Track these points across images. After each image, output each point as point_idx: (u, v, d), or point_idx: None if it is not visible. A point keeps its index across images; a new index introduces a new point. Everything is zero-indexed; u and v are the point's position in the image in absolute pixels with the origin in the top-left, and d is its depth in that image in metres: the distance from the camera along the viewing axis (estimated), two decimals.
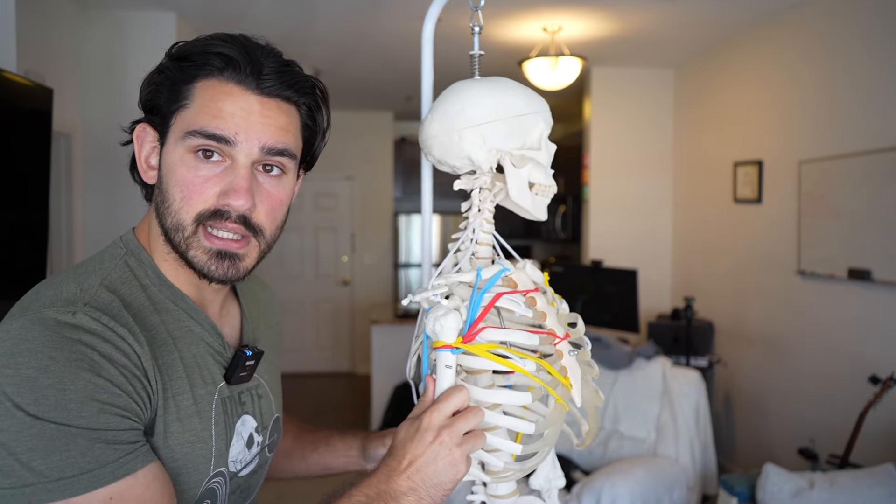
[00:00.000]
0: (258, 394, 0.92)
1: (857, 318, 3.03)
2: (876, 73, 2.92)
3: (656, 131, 4.82)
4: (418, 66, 1.02)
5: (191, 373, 0.80)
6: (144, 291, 0.80)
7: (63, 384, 0.66)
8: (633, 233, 4.79)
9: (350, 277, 6.69)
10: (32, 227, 2.22)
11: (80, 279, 0.76)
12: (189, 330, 0.82)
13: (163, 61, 0.82)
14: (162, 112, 0.80)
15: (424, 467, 0.76)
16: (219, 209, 0.77)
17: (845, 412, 2.95)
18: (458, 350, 0.80)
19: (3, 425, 0.65)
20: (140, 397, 0.72)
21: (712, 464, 3.09)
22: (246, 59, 0.78)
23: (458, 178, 0.89)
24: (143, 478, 0.69)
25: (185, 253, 0.79)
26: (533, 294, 0.82)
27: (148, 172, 0.82)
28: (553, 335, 0.82)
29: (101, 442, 0.67)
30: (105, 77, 3.51)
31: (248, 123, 0.77)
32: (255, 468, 0.90)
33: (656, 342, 3.80)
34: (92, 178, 3.48)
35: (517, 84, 0.86)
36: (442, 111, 0.85)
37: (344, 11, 3.52)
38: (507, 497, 0.86)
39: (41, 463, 0.65)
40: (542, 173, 0.85)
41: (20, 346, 0.67)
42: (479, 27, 0.93)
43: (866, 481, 2.16)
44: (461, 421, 0.77)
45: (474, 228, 0.87)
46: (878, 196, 2.88)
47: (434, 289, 0.83)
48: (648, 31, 3.90)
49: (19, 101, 2.11)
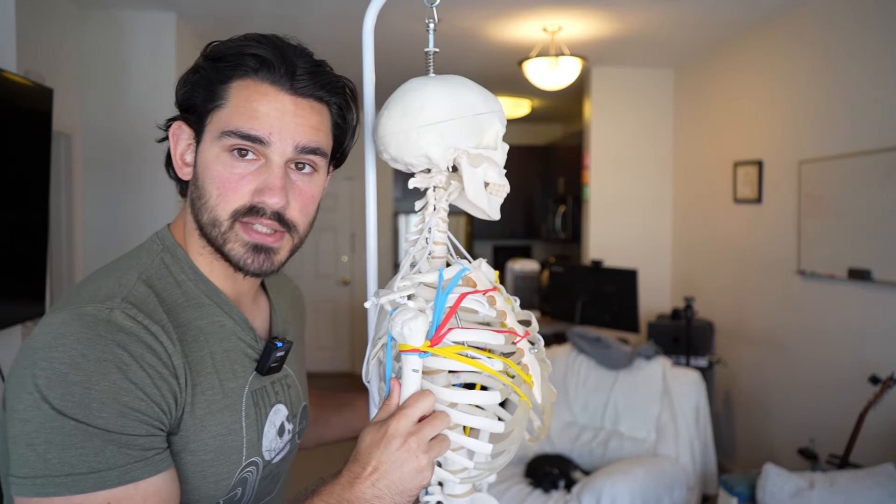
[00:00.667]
0: (287, 384, 0.94)
1: (857, 318, 3.03)
2: (876, 73, 2.92)
3: (656, 131, 4.82)
4: (418, 66, 1.02)
5: (221, 367, 0.82)
6: (179, 287, 0.83)
7: (90, 383, 0.68)
8: (633, 233, 4.79)
9: (350, 277, 6.69)
10: (32, 227, 2.22)
11: (119, 274, 0.79)
12: (222, 325, 0.84)
13: (198, 61, 0.84)
14: (198, 111, 0.82)
15: (389, 473, 0.74)
16: (254, 206, 0.80)
17: (845, 412, 2.95)
18: (427, 354, 0.78)
19: (27, 416, 0.68)
20: (164, 400, 0.74)
21: (712, 464, 3.09)
22: (280, 59, 0.80)
23: (412, 176, 0.88)
24: (143, 490, 0.70)
25: (221, 247, 0.81)
26: (492, 293, 0.82)
27: (183, 169, 0.85)
28: (514, 333, 0.81)
29: (114, 444, 0.69)
30: (105, 77, 3.51)
31: (282, 123, 0.79)
32: (285, 455, 0.93)
33: (656, 342, 3.80)
34: (92, 178, 3.48)
35: (474, 83, 0.86)
36: (401, 108, 0.83)
37: (342, 12, 3.53)
38: (463, 496, 0.86)
39: (55, 457, 0.67)
40: (497, 173, 0.85)
41: (58, 340, 0.70)
42: (434, 23, 0.92)
43: (866, 481, 2.16)
44: (428, 427, 0.76)
45: (430, 227, 0.86)
46: (878, 196, 2.88)
47: (399, 290, 0.81)
48: (648, 31, 3.90)
49: (19, 101, 2.11)
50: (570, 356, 3.34)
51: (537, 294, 5.29)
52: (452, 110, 0.82)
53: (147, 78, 3.55)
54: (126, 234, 3.53)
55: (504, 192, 0.86)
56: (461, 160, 0.83)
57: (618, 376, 3.18)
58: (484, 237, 7.25)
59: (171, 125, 0.86)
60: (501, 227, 6.80)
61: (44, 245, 2.28)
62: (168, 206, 3.57)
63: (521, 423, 0.83)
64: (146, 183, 3.55)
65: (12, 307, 2.11)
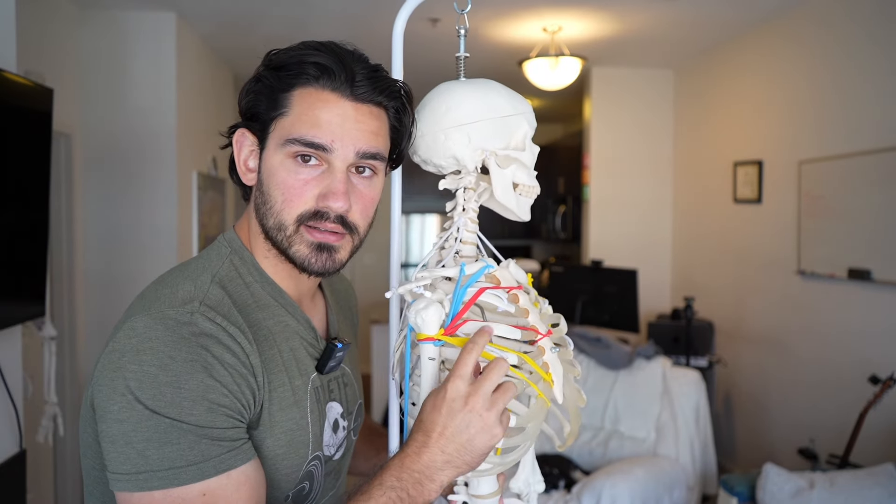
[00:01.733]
0: (344, 382, 0.97)
1: (857, 317, 3.03)
2: (876, 73, 2.92)
3: (656, 131, 4.82)
4: (419, 67, 1.03)
5: (289, 365, 0.86)
6: (248, 289, 0.86)
7: (179, 382, 0.73)
8: (633, 233, 4.79)
9: (350, 277, 6.69)
10: (32, 227, 2.22)
11: (193, 277, 0.83)
12: (286, 325, 0.88)
13: (259, 70, 0.86)
14: (261, 119, 0.85)
15: (457, 436, 0.75)
16: (318, 210, 0.83)
17: (845, 412, 2.95)
18: (441, 342, 0.80)
19: (123, 416, 0.72)
20: (244, 396, 0.78)
21: (712, 464, 3.09)
22: (340, 66, 0.82)
23: (443, 178, 0.90)
24: (235, 479, 0.74)
25: (287, 250, 0.85)
26: (515, 291, 0.83)
27: (247, 175, 0.88)
28: (535, 331, 0.82)
29: (206, 438, 0.73)
30: (105, 77, 3.50)
31: (344, 130, 0.82)
32: (343, 451, 0.97)
33: (656, 342, 3.80)
34: (92, 178, 3.48)
35: (502, 86, 0.88)
36: (428, 111, 0.87)
37: (343, 12, 3.53)
38: (489, 497, 0.86)
39: (155, 453, 0.72)
40: (526, 174, 0.86)
41: (144, 343, 0.74)
42: (465, 30, 0.95)
43: (866, 481, 2.16)
44: (485, 381, 0.76)
45: (459, 227, 0.88)
46: (878, 196, 2.88)
47: (417, 281, 0.83)
48: (648, 31, 3.90)
49: (19, 101, 2.10)
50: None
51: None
52: (479, 112, 0.84)
53: (147, 78, 3.55)
54: (126, 234, 3.53)
55: (534, 193, 0.88)
56: (490, 161, 0.85)
57: (618, 376, 3.18)
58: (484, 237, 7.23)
59: (234, 132, 0.89)
60: (501, 227, 6.79)
61: (44, 245, 2.28)
62: (168, 206, 3.58)
63: (535, 418, 0.83)
64: (146, 183, 3.55)
65: (12, 307, 2.10)
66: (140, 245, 3.53)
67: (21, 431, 2.12)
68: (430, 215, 6.87)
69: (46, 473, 3.15)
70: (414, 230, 7.09)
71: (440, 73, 1.25)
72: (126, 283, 3.45)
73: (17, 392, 2.14)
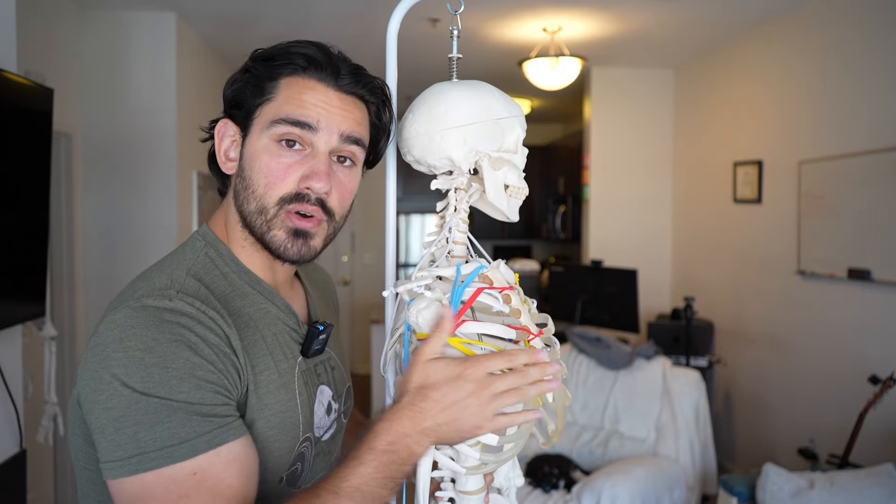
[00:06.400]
0: (331, 365, 0.99)
1: (857, 318, 3.03)
2: (876, 73, 2.92)
3: (656, 131, 4.82)
4: (419, 66, 1.04)
5: (273, 350, 0.87)
6: (225, 279, 0.88)
7: (166, 362, 0.74)
8: (633, 233, 4.79)
9: (350, 277, 6.69)
10: (32, 228, 2.22)
11: (168, 271, 0.84)
12: (267, 311, 0.89)
13: (247, 63, 0.90)
14: (246, 106, 0.87)
15: (455, 414, 0.76)
16: (300, 192, 0.85)
17: (845, 412, 2.95)
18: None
19: (111, 403, 0.73)
20: (230, 374, 0.79)
21: (712, 464, 3.09)
22: (327, 59, 0.87)
23: (435, 178, 0.91)
24: (224, 456, 0.75)
25: (264, 234, 0.86)
26: (508, 291, 0.84)
27: (227, 164, 0.90)
28: (527, 331, 0.83)
29: (197, 415, 0.74)
30: (105, 77, 3.51)
31: (329, 114, 0.85)
32: (333, 433, 0.98)
33: (656, 342, 3.80)
34: (92, 178, 3.48)
35: (495, 88, 0.89)
36: (426, 112, 0.88)
37: (342, 12, 3.53)
38: (475, 494, 0.87)
39: (146, 434, 0.72)
40: (517, 176, 0.88)
41: (126, 332, 0.75)
42: (458, 31, 0.96)
43: (866, 481, 2.16)
44: (501, 381, 0.77)
45: (451, 227, 0.89)
46: (878, 196, 2.88)
47: (417, 280, 0.84)
48: (648, 31, 3.90)
49: (19, 101, 2.11)
50: (570, 356, 3.34)
51: (537, 294, 5.29)
52: (475, 114, 0.85)
53: (147, 78, 3.55)
54: (126, 233, 3.53)
55: (523, 194, 0.90)
56: (482, 163, 0.86)
57: (618, 376, 3.18)
58: (484, 237, 7.24)
59: (214, 125, 0.91)
60: (501, 227, 6.80)
61: (44, 245, 2.28)
62: (168, 205, 3.58)
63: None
64: (146, 183, 3.55)
65: (12, 307, 2.10)
66: (140, 245, 3.53)
67: (21, 431, 2.13)
68: (429, 215, 6.89)
69: (46, 473, 3.15)
70: (414, 230, 7.09)
71: (440, 74, 1.25)
72: (126, 282, 3.44)
73: (17, 392, 2.14)
